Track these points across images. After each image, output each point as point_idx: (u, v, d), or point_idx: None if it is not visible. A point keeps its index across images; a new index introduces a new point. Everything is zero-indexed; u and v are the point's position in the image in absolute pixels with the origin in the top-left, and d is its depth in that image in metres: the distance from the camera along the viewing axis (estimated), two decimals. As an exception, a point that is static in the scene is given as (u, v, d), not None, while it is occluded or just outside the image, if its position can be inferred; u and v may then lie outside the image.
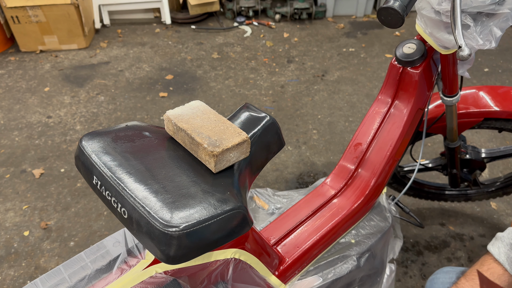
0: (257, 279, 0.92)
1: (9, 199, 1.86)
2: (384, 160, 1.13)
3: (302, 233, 1.07)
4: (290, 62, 2.85)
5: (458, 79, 1.12)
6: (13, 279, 1.55)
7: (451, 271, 0.97)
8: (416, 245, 1.64)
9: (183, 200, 0.66)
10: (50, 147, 2.15)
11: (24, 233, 1.72)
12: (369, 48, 3.00)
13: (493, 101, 1.27)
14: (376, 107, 1.18)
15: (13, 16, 2.79)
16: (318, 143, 2.16)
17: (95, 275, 0.78)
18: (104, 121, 2.33)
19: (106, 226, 1.74)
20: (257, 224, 1.19)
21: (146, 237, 0.64)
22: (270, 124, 0.86)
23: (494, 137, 2.16)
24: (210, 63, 2.86)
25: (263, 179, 1.95)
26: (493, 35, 0.85)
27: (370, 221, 1.17)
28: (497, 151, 1.45)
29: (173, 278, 0.77)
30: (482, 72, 2.70)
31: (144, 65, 2.84)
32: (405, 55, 1.08)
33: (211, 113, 0.80)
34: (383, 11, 0.74)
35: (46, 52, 2.99)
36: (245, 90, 2.58)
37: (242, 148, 0.75)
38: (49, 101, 2.49)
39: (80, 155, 0.75)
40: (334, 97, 2.50)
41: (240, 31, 3.25)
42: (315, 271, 1.06)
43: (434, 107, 1.30)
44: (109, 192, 0.69)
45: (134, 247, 0.82)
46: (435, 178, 1.90)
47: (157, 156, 0.75)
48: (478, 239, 1.66)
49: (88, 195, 1.88)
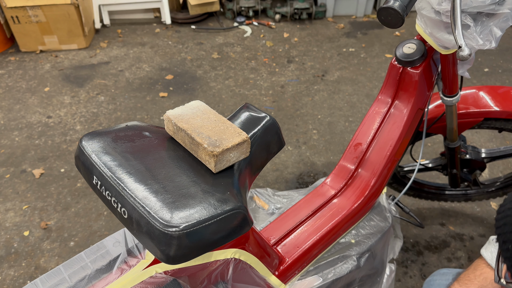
0: (257, 279, 0.92)
1: (9, 199, 1.86)
2: (384, 160, 1.13)
3: (302, 233, 1.07)
4: (290, 62, 2.85)
5: (458, 79, 1.12)
6: (13, 279, 1.55)
7: (448, 273, 0.97)
8: (416, 245, 1.64)
9: (183, 200, 0.66)
10: (50, 147, 2.15)
11: (24, 233, 1.72)
12: (369, 48, 3.00)
13: (493, 101, 1.27)
14: (376, 107, 1.18)
15: (13, 16, 2.79)
16: (318, 143, 2.16)
17: (95, 275, 0.78)
18: (104, 121, 2.34)
19: (106, 226, 1.74)
20: (257, 224, 1.19)
21: (146, 237, 0.64)
22: (270, 124, 0.86)
23: (494, 137, 2.16)
24: (210, 63, 2.86)
25: (263, 179, 1.95)
26: (493, 35, 0.85)
27: (370, 221, 1.17)
28: (497, 151, 1.45)
29: (173, 278, 0.77)
30: (482, 72, 2.70)
31: (144, 65, 2.84)
32: (405, 55, 1.08)
33: (211, 113, 0.80)
34: (383, 11, 0.74)
35: (46, 52, 2.99)
36: (245, 90, 2.58)
37: (242, 148, 0.75)
38: (49, 101, 2.49)
39: (80, 155, 0.75)
40: (334, 97, 2.50)
41: (240, 31, 3.25)
42: (315, 271, 1.06)
43: (434, 107, 1.30)
44: (109, 192, 0.69)
45: (134, 247, 0.82)
46: (435, 178, 1.90)
47: (157, 156, 0.75)
48: (478, 239, 1.66)
49: (88, 195, 1.88)
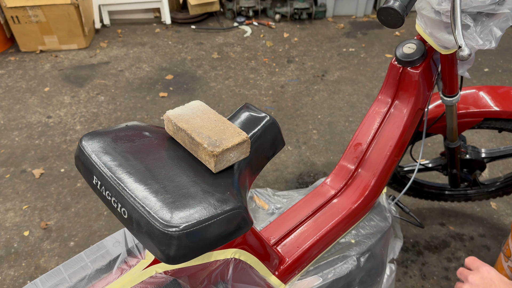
0: (257, 279, 0.92)
1: (9, 199, 1.86)
2: (384, 160, 1.13)
3: (302, 233, 1.07)
4: (290, 62, 2.85)
5: (458, 79, 1.12)
6: (13, 279, 1.55)
7: None
8: (416, 245, 1.64)
9: (183, 200, 0.66)
10: (50, 147, 2.15)
11: (24, 233, 1.72)
12: (369, 48, 3.00)
13: (493, 101, 1.27)
14: (376, 107, 1.18)
15: (13, 16, 2.79)
16: (318, 143, 2.16)
17: (95, 275, 0.78)
18: (104, 121, 2.34)
19: (106, 226, 1.74)
20: (257, 224, 1.19)
21: (146, 237, 0.64)
22: (270, 124, 0.86)
23: (494, 137, 2.16)
24: (210, 63, 2.86)
25: (263, 179, 1.95)
26: (493, 35, 0.85)
27: (370, 221, 1.17)
28: (497, 151, 1.45)
29: (173, 278, 0.77)
30: (482, 72, 2.70)
31: (144, 65, 2.84)
32: (405, 55, 1.08)
33: (211, 113, 0.80)
34: (383, 11, 0.74)
35: (46, 52, 2.99)
36: (245, 90, 2.58)
37: (242, 148, 0.75)
38: (49, 101, 2.49)
39: (80, 155, 0.75)
40: (334, 97, 2.50)
41: (240, 31, 3.25)
42: (315, 271, 1.06)
43: (434, 107, 1.30)
44: (109, 192, 0.69)
45: (134, 247, 0.82)
46: (435, 178, 1.90)
47: (157, 156, 0.75)
48: (478, 239, 1.66)
49: (88, 195, 1.88)
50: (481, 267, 0.77)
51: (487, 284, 0.73)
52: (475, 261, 0.79)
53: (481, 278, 0.75)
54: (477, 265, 0.78)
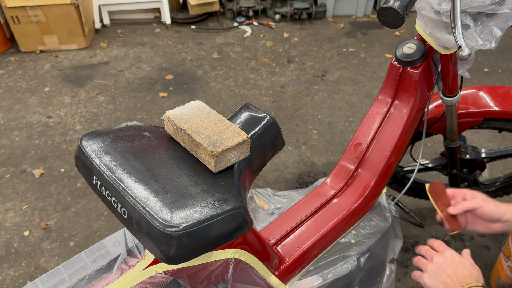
0: (257, 279, 0.92)
1: (9, 199, 1.86)
2: (384, 160, 1.13)
3: (302, 233, 1.07)
4: (290, 62, 2.85)
5: (458, 79, 1.12)
6: (13, 279, 1.55)
7: None
8: (416, 245, 1.64)
9: (183, 200, 0.66)
10: (50, 147, 2.15)
11: (24, 233, 1.72)
12: (369, 48, 3.00)
13: (493, 101, 1.27)
14: (376, 107, 1.18)
15: (13, 16, 2.79)
16: (318, 143, 2.16)
17: (95, 275, 0.79)
18: (104, 121, 2.34)
19: (106, 226, 1.74)
20: (257, 224, 1.19)
21: (146, 237, 0.64)
22: (270, 124, 0.86)
23: (494, 137, 2.16)
24: (210, 63, 2.86)
25: (263, 179, 1.95)
26: (493, 35, 0.86)
27: (370, 221, 1.17)
28: (497, 151, 1.45)
29: (173, 278, 0.77)
30: (482, 72, 2.70)
31: (144, 65, 2.84)
32: (405, 55, 1.08)
33: (211, 113, 0.80)
34: (383, 11, 0.74)
35: (46, 52, 2.99)
36: (245, 90, 2.58)
37: (242, 148, 0.75)
38: (49, 101, 2.49)
39: (80, 155, 0.75)
40: (334, 97, 2.50)
41: (240, 31, 3.25)
42: (315, 271, 1.06)
43: (434, 107, 1.30)
44: (109, 192, 0.69)
45: (134, 247, 0.82)
46: (435, 178, 1.90)
47: (157, 156, 0.75)
48: (478, 239, 1.66)
49: (88, 195, 1.88)
50: (446, 250, 0.85)
51: (448, 264, 0.82)
52: (441, 245, 0.87)
53: (444, 258, 0.83)
54: (443, 248, 0.86)
